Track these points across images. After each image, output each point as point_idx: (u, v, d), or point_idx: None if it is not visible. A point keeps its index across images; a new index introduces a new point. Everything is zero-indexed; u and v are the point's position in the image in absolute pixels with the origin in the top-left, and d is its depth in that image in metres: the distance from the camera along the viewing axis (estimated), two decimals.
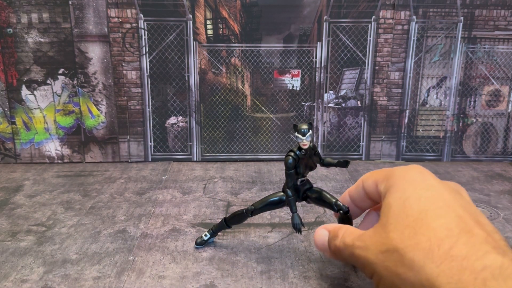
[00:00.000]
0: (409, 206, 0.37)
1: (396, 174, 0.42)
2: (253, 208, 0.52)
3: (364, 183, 0.46)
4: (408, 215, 0.36)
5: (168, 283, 0.48)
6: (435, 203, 0.36)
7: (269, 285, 0.48)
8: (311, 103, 0.88)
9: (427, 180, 0.40)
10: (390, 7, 0.84)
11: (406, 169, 0.42)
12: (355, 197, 0.48)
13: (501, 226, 0.62)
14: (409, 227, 0.35)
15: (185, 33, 0.84)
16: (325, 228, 0.46)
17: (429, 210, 0.36)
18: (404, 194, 0.38)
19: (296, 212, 0.48)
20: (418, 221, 0.35)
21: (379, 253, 0.37)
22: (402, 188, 0.39)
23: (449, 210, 0.35)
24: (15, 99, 0.85)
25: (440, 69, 0.87)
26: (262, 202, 0.52)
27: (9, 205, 0.69)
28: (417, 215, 0.36)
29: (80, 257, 0.53)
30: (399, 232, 0.35)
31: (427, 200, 0.37)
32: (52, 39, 0.82)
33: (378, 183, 0.43)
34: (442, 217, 0.35)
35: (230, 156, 0.90)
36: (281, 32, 0.85)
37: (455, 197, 0.38)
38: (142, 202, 0.70)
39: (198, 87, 0.87)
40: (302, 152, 0.47)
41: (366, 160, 0.90)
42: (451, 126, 0.89)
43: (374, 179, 0.44)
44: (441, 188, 0.38)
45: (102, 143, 0.88)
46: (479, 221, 0.35)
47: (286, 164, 0.47)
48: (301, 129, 0.46)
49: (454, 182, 0.43)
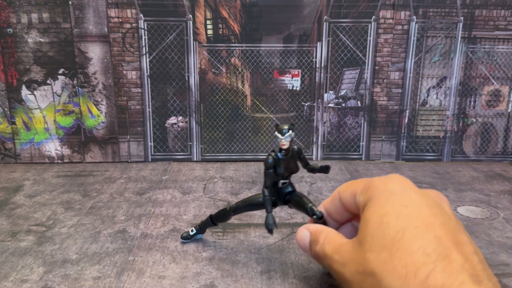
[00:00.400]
0: (386, 223, 0.36)
1: (375, 185, 0.40)
2: (235, 207, 0.52)
3: (341, 195, 0.44)
4: (385, 234, 0.35)
5: (168, 283, 0.48)
6: (413, 222, 0.35)
7: (269, 285, 0.48)
8: (311, 103, 0.88)
9: (407, 192, 0.38)
10: (390, 7, 0.84)
11: (385, 180, 0.41)
12: (331, 210, 0.46)
13: (501, 226, 0.62)
14: (385, 249, 0.34)
15: (185, 33, 0.84)
16: (307, 229, 0.45)
17: (407, 229, 0.35)
18: (382, 209, 0.37)
19: (270, 213, 0.48)
20: (395, 242, 0.34)
21: (356, 273, 0.36)
22: (380, 203, 0.38)
23: (427, 230, 0.34)
24: (15, 99, 0.85)
25: (440, 69, 0.87)
26: (244, 202, 0.52)
27: (9, 205, 0.69)
28: (394, 234, 0.35)
29: (80, 257, 0.53)
30: (376, 254, 0.35)
31: (405, 218, 0.36)
32: (52, 39, 0.82)
33: (356, 194, 0.42)
34: (420, 239, 0.34)
35: (230, 156, 0.90)
36: (281, 32, 0.85)
37: (435, 213, 0.37)
38: (142, 202, 0.70)
39: (198, 87, 0.87)
40: (283, 153, 0.47)
41: (366, 160, 0.90)
42: (451, 126, 0.89)
43: (352, 190, 0.43)
44: (421, 202, 0.37)
45: (102, 143, 0.88)
46: (459, 240, 0.35)
47: (265, 163, 0.47)
48: (282, 129, 0.46)
49: (435, 191, 0.42)
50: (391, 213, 0.36)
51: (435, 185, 0.77)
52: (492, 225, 0.62)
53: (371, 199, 0.39)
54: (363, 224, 0.38)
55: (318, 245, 0.42)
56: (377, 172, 0.84)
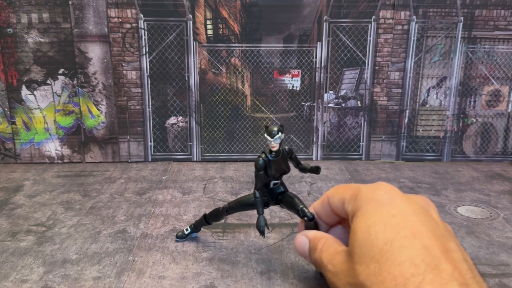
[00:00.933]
0: (374, 234, 0.36)
1: (363, 194, 0.40)
2: (228, 207, 0.52)
3: (330, 200, 0.44)
4: (373, 245, 0.35)
5: (168, 284, 0.48)
6: (401, 232, 0.35)
7: (269, 285, 0.48)
8: (311, 103, 0.88)
9: (394, 201, 0.38)
10: (390, 7, 0.84)
11: (373, 188, 0.41)
12: (321, 213, 0.46)
13: (501, 226, 0.62)
14: (374, 260, 0.34)
15: (185, 33, 0.84)
16: (306, 236, 0.45)
17: (395, 240, 0.35)
18: (369, 220, 0.37)
19: (262, 214, 0.48)
20: (383, 253, 0.34)
21: (347, 285, 0.36)
22: (368, 213, 0.38)
23: (415, 240, 0.34)
24: (15, 99, 0.85)
25: (440, 69, 0.87)
26: (237, 202, 0.52)
27: (9, 205, 0.69)
28: (382, 245, 0.35)
29: (80, 257, 0.53)
30: (365, 266, 0.35)
31: (393, 228, 0.36)
32: (52, 39, 0.82)
33: (345, 202, 0.42)
34: (408, 249, 0.34)
35: (230, 156, 0.90)
36: (281, 32, 0.85)
37: (423, 220, 0.37)
38: (142, 202, 0.70)
39: (198, 87, 0.87)
40: (273, 155, 0.47)
41: (366, 160, 0.90)
42: (451, 126, 0.89)
43: (341, 197, 0.43)
44: (408, 211, 0.37)
45: (102, 143, 0.88)
46: (447, 248, 0.35)
47: (255, 165, 0.47)
48: (271, 131, 0.46)
49: (422, 197, 0.42)
50: (378, 223, 0.36)
51: (435, 185, 0.77)
52: (492, 225, 0.62)
53: (359, 209, 0.39)
54: (351, 235, 0.38)
55: (317, 252, 0.42)
56: (377, 172, 0.84)
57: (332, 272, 0.39)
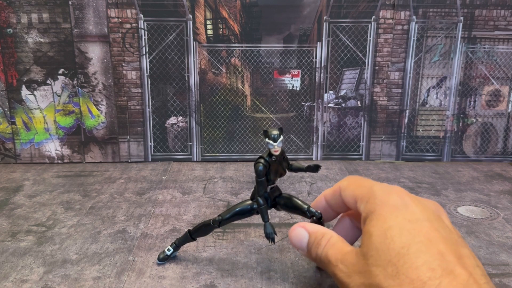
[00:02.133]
0: (390, 238, 0.36)
1: (377, 197, 0.40)
2: (220, 219, 0.49)
3: (342, 193, 0.45)
4: (390, 249, 0.36)
5: (168, 283, 0.48)
6: (417, 237, 0.36)
7: (269, 285, 0.48)
8: (311, 103, 0.88)
9: (409, 207, 0.39)
10: (390, 7, 0.84)
11: (387, 192, 0.41)
12: (332, 202, 0.47)
13: (501, 226, 0.62)
14: (391, 264, 0.35)
15: (185, 33, 0.84)
16: (305, 229, 0.44)
17: (411, 244, 0.35)
18: (385, 223, 0.37)
19: (268, 221, 0.46)
20: (400, 257, 0.35)
21: (361, 285, 0.37)
22: (383, 216, 0.38)
23: (431, 245, 0.35)
24: (15, 99, 0.85)
25: (440, 69, 0.87)
26: (230, 211, 0.49)
27: (9, 205, 0.69)
28: (399, 249, 0.35)
29: (80, 257, 0.53)
30: (382, 268, 0.35)
31: (409, 233, 0.36)
32: (52, 39, 0.82)
33: (357, 201, 0.42)
34: (424, 254, 0.34)
35: (230, 156, 0.90)
36: (281, 32, 0.85)
37: (437, 227, 0.37)
38: (142, 202, 0.70)
39: (198, 87, 0.87)
40: (273, 159, 0.46)
41: (366, 160, 0.90)
42: (451, 126, 0.89)
43: (354, 195, 0.43)
44: (423, 217, 0.38)
45: (102, 143, 0.88)
46: (461, 254, 0.35)
47: (256, 171, 0.45)
48: (272, 134, 0.44)
49: (433, 202, 0.42)
50: (394, 227, 0.37)
51: (435, 185, 0.77)
52: (492, 225, 0.62)
53: (373, 212, 0.39)
54: (366, 237, 0.38)
55: (320, 248, 0.42)
56: (377, 172, 0.84)
57: (344, 273, 0.39)
